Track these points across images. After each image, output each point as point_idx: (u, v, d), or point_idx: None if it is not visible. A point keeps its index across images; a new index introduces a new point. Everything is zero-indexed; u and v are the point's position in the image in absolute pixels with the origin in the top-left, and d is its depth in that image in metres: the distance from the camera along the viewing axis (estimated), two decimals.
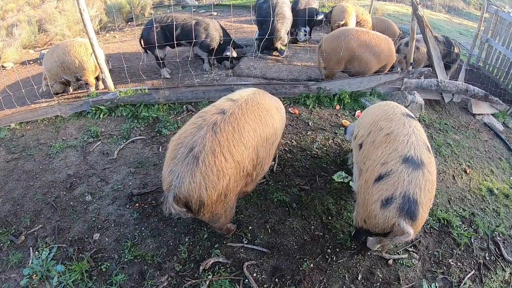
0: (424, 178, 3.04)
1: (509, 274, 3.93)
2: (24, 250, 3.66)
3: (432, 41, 6.19)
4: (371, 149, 3.46)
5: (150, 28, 5.98)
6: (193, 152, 2.89)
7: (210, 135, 2.96)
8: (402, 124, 3.47)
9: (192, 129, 3.05)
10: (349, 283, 3.55)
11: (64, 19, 8.65)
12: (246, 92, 3.59)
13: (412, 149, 3.19)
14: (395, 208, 2.94)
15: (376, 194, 3.08)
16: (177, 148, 2.99)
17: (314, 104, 5.91)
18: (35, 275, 3.42)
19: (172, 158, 2.97)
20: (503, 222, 4.50)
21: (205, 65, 6.74)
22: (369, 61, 6.01)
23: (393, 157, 3.17)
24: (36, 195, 4.19)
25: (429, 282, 3.68)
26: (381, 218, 3.01)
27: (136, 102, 5.46)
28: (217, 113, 3.15)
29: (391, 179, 3.05)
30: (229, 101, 3.36)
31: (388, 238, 3.15)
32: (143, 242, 3.72)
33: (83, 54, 5.47)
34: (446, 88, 6.40)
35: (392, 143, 3.30)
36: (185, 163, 2.87)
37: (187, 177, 2.84)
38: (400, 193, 2.96)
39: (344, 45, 5.80)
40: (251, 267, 3.57)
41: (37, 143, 4.93)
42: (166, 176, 2.96)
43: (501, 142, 6.15)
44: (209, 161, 2.88)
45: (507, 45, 7.68)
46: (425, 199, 3.00)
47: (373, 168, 3.25)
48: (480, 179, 5.09)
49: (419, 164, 3.09)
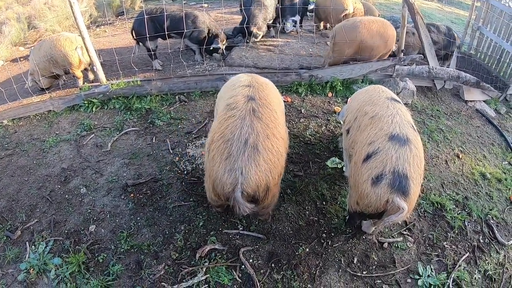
0: (411, 154, 3.06)
1: (503, 257, 3.99)
2: (21, 245, 3.65)
3: (423, 28, 6.20)
4: (357, 134, 3.48)
5: (141, 19, 5.95)
6: (249, 142, 2.91)
7: (257, 122, 3.01)
8: (386, 107, 3.49)
9: (233, 122, 3.03)
10: (345, 266, 3.58)
11: (54, 15, 8.58)
12: (245, 77, 3.65)
13: (397, 127, 3.21)
14: (386, 185, 2.95)
15: (366, 173, 3.09)
16: (227, 146, 2.94)
17: (306, 92, 5.93)
18: (32, 269, 3.42)
19: (225, 159, 2.91)
20: (496, 206, 4.55)
21: (197, 56, 6.72)
22: (379, 47, 6.16)
23: (379, 136, 3.19)
24: (31, 190, 4.18)
25: (424, 264, 3.73)
26: (373, 196, 3.01)
27: (129, 94, 5.45)
28: (247, 101, 3.18)
29: (379, 156, 3.06)
30: (244, 87, 3.40)
31: (382, 219, 3.13)
32: (139, 232, 3.73)
33: (68, 48, 5.46)
34: (437, 74, 6.43)
35: (377, 124, 3.32)
36: (246, 156, 2.88)
37: (252, 168, 2.87)
38: (390, 169, 2.97)
39: (357, 35, 5.93)
40: (247, 253, 3.59)
41: (31, 139, 4.90)
42: (224, 179, 2.90)
43: (493, 128, 6.20)
44: (267, 145, 2.96)
45: (498, 32, 7.72)
46: (415, 174, 3.02)
47: (360, 149, 3.27)
48: (473, 163, 5.14)
49: (406, 141, 3.11)
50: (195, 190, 4.17)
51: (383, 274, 3.58)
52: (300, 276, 3.46)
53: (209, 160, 3.08)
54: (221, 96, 3.68)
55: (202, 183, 4.24)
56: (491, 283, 3.74)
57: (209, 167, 3.08)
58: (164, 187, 4.19)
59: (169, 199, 4.05)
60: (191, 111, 5.41)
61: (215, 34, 6.40)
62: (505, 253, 4.03)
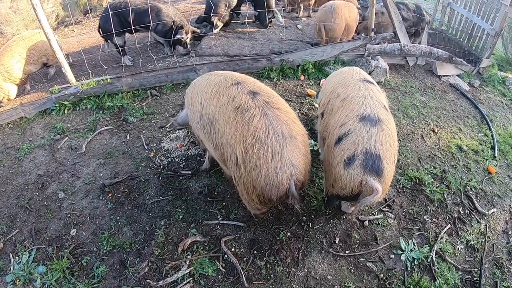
0: (383, 133, 3.05)
1: (484, 226, 4.08)
2: (4, 257, 3.58)
3: (392, 6, 6.24)
4: (330, 117, 3.47)
5: (106, 15, 5.84)
6: (285, 134, 2.87)
7: (279, 112, 2.98)
8: (357, 88, 3.48)
9: (258, 122, 2.88)
10: (327, 247, 3.62)
11: (20, 18, 8.35)
12: (223, 78, 3.35)
13: (368, 108, 3.20)
14: (359, 166, 2.96)
15: (338, 156, 3.10)
16: (268, 146, 2.81)
17: (278, 77, 5.92)
18: (18, 280, 3.37)
19: (271, 159, 2.80)
20: (474, 177, 4.64)
21: (166, 49, 6.62)
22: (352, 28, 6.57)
23: (350, 118, 3.18)
24: (9, 200, 4.09)
25: (406, 239, 3.79)
26: (346, 178, 3.02)
27: (100, 93, 5.34)
28: (252, 97, 3.03)
29: (351, 138, 3.06)
30: (234, 86, 3.15)
31: (358, 201, 3.11)
32: (120, 231, 3.70)
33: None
34: (409, 51, 6.49)
35: (348, 106, 3.31)
36: (290, 148, 2.86)
37: (299, 156, 2.90)
38: (361, 150, 2.97)
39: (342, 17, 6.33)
40: (229, 242, 3.60)
41: (4, 148, 4.78)
42: (279, 179, 2.82)
43: (467, 101, 6.31)
44: (296, 129, 2.98)
45: (469, 8, 7.82)
46: (388, 154, 3.02)
47: (332, 132, 3.26)
48: (449, 137, 5.22)
49: (377, 121, 3.10)
50: (173, 184, 4.15)
51: (366, 252, 3.63)
52: (283, 260, 3.48)
53: (248, 172, 2.88)
54: (208, 110, 3.25)
55: (179, 176, 4.24)
56: (474, 252, 3.83)
57: (250, 180, 2.90)
58: (142, 183, 4.15)
59: (147, 196, 4.02)
60: (164, 104, 5.35)
61: (180, 26, 6.30)
62: (486, 223, 4.12)
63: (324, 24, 6.20)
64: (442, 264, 3.63)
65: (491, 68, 7.33)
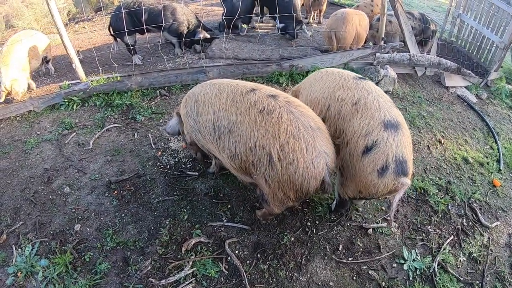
0: (404, 137, 3.15)
1: (487, 239, 4.06)
2: (7, 248, 3.58)
3: (403, 16, 6.25)
4: (340, 122, 3.37)
5: (118, 14, 5.85)
6: (313, 126, 2.96)
7: (300, 108, 3.05)
8: (363, 90, 3.38)
9: (287, 119, 2.92)
10: (331, 254, 3.62)
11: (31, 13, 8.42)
12: (224, 83, 3.36)
13: (386, 112, 3.19)
14: (392, 173, 3.04)
15: (369, 165, 3.11)
16: (301, 139, 2.87)
17: (287, 82, 5.94)
18: (20, 272, 3.37)
19: (306, 151, 2.85)
20: (479, 189, 4.62)
21: (176, 49, 6.66)
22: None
23: (374, 126, 3.16)
24: (14, 192, 4.10)
25: (409, 249, 3.77)
26: (381, 185, 3.10)
27: (109, 90, 5.37)
28: (269, 97, 3.06)
29: (381, 148, 3.08)
30: (250, 92, 3.13)
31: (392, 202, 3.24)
32: (124, 228, 3.71)
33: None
34: (418, 62, 6.49)
35: (365, 112, 3.24)
36: (320, 138, 2.95)
37: (329, 144, 3.02)
38: (392, 159, 3.04)
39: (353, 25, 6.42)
40: (233, 244, 3.61)
41: (12, 140, 4.81)
42: (316, 169, 2.89)
43: (474, 113, 6.29)
44: (320, 123, 3.10)
45: (478, 20, 7.82)
46: (410, 155, 3.16)
47: (356, 140, 3.21)
48: (455, 148, 5.21)
49: (397, 125, 3.15)
50: (179, 184, 4.16)
51: (369, 259, 3.63)
52: (286, 265, 3.48)
53: (284, 168, 2.89)
54: (226, 119, 3.16)
55: (185, 177, 4.25)
56: (476, 264, 3.81)
57: (287, 176, 2.92)
58: (148, 182, 4.16)
59: (153, 194, 4.03)
60: (172, 105, 5.37)
61: (196, 25, 6.34)
62: (489, 235, 4.10)
63: (335, 32, 6.23)
64: (444, 275, 3.61)
65: (499, 81, 7.31)
